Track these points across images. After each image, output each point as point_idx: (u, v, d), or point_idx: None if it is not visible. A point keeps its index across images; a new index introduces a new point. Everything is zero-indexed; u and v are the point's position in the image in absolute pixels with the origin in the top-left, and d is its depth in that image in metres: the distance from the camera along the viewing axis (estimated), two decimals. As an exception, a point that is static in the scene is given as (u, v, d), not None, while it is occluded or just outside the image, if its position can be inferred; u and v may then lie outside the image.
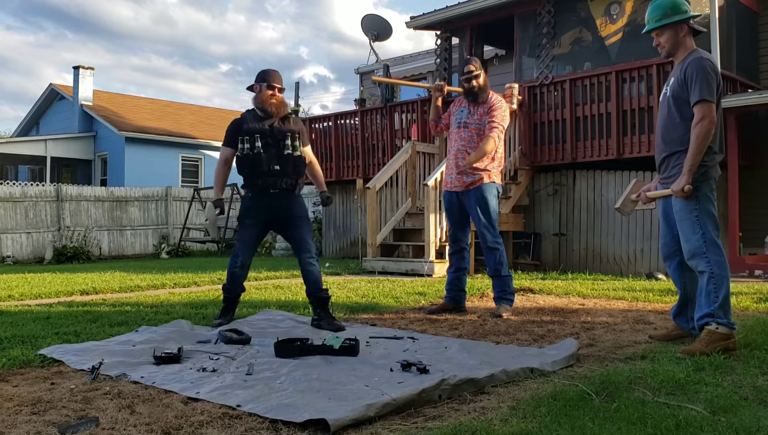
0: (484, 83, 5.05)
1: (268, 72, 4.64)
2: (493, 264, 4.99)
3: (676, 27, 3.59)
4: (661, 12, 3.60)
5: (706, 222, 3.45)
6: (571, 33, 9.82)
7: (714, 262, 3.40)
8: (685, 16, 3.58)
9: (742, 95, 8.70)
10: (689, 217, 3.48)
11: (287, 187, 4.57)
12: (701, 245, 3.43)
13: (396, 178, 9.66)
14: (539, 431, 2.17)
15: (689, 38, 3.62)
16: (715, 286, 3.39)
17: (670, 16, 3.58)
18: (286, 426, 2.28)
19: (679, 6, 3.60)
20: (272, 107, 4.54)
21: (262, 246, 15.82)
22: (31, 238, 15.14)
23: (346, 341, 3.45)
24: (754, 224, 9.09)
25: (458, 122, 5.12)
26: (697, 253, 3.44)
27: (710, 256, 3.40)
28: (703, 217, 3.46)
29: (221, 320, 4.52)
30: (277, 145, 4.53)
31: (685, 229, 3.50)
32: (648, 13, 3.71)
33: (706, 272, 3.41)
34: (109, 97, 23.21)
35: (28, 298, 6.45)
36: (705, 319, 3.40)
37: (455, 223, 5.18)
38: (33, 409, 2.51)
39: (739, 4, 9.62)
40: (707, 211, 3.47)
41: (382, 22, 14.71)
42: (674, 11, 3.58)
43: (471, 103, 5.09)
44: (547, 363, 3.12)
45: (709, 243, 3.42)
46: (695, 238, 3.45)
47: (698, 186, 3.45)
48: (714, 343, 3.29)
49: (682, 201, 3.49)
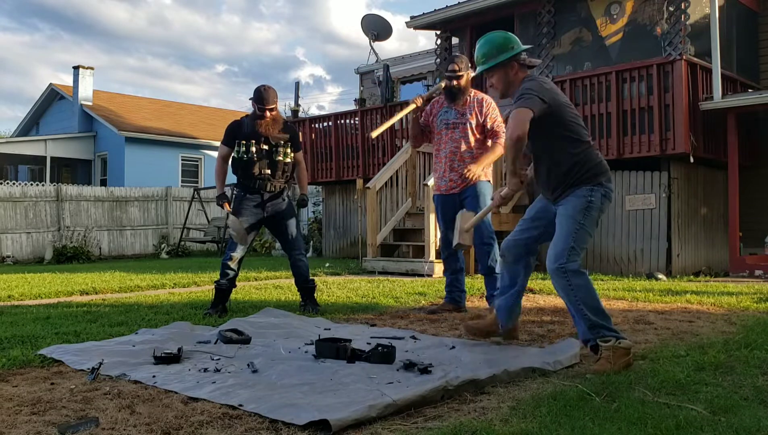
0: (465, 84, 4.90)
1: (261, 94, 4.97)
2: (486, 261, 4.90)
3: (506, 66, 3.43)
4: (486, 53, 3.45)
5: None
6: (571, 33, 9.83)
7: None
8: (511, 53, 3.41)
9: (742, 95, 8.70)
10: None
11: (277, 189, 5.10)
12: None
13: (396, 178, 9.66)
14: (539, 431, 2.17)
15: (522, 72, 3.46)
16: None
17: (496, 56, 3.42)
18: (287, 426, 2.28)
19: (506, 44, 3.44)
20: (261, 129, 4.98)
21: (262, 246, 15.83)
22: (31, 238, 15.14)
23: (380, 347, 3.30)
24: (754, 224, 9.09)
25: (445, 123, 4.97)
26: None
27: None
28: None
29: (211, 311, 4.99)
30: (269, 151, 5.03)
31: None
32: (476, 55, 3.53)
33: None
34: (109, 97, 23.21)
35: (28, 298, 6.45)
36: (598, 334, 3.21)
37: (449, 226, 5.00)
38: (33, 409, 2.51)
39: (739, 4, 9.62)
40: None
41: (382, 22, 14.71)
42: (500, 50, 3.42)
43: (452, 102, 4.96)
44: (549, 363, 3.11)
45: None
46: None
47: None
48: (619, 359, 3.08)
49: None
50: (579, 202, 3.28)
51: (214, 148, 21.42)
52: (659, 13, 8.98)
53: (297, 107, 13.84)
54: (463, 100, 4.93)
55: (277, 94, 5.02)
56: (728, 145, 8.66)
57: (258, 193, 5.05)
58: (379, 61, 14.68)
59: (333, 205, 13.33)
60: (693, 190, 8.94)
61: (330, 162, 12.58)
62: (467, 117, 4.92)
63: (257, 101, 4.96)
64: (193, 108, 26.25)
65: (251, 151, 4.98)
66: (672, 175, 8.49)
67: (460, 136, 4.92)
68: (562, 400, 2.49)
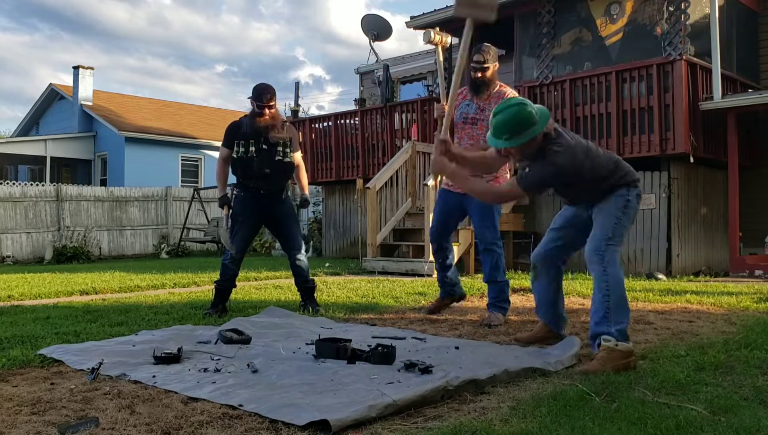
0: (491, 76, 4.58)
1: (260, 91, 4.97)
2: (489, 269, 4.64)
3: (529, 141, 3.18)
4: (512, 130, 3.15)
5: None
6: (571, 33, 9.82)
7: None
8: (537, 130, 3.15)
9: (742, 95, 8.70)
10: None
11: (276, 189, 5.09)
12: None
13: (396, 178, 9.66)
14: (539, 431, 2.17)
15: (540, 138, 3.21)
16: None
17: (520, 134, 3.14)
18: (287, 426, 2.28)
19: (531, 120, 3.14)
20: (261, 125, 4.96)
21: (262, 246, 15.83)
22: (31, 238, 15.14)
23: (380, 347, 3.27)
24: (754, 224, 9.09)
25: (464, 117, 4.68)
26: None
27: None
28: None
29: (211, 311, 4.97)
30: (269, 151, 5.00)
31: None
32: (493, 125, 3.21)
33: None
34: (109, 97, 23.20)
35: (28, 298, 6.45)
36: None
37: (445, 222, 4.85)
38: (33, 409, 2.51)
39: (739, 4, 9.62)
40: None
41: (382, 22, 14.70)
42: (524, 126, 3.13)
43: (476, 96, 4.65)
44: (550, 363, 3.11)
45: None
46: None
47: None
48: (614, 361, 3.05)
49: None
50: (618, 200, 3.33)
51: (214, 148, 21.43)
52: (659, 13, 8.97)
53: (297, 107, 13.84)
54: (488, 93, 4.61)
55: (275, 92, 5.02)
56: (728, 145, 8.66)
57: (258, 192, 5.04)
58: (379, 61, 14.68)
59: (333, 205, 13.33)
60: (693, 190, 8.94)
61: (330, 162, 12.57)
62: (487, 113, 4.47)
63: (256, 99, 4.95)
64: (193, 108, 26.25)
65: (251, 151, 4.96)
66: (672, 175, 8.49)
67: (478, 132, 4.59)
68: (562, 400, 2.49)
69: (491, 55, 4.59)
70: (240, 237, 5.08)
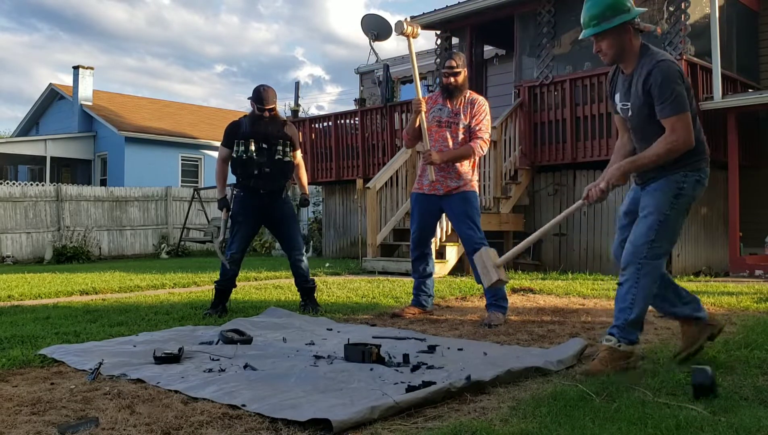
0: (462, 81, 4.80)
1: (260, 94, 4.97)
2: (478, 275, 4.51)
3: (620, 30, 3.02)
4: (599, 14, 3.01)
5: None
6: (571, 33, 9.82)
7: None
8: (629, 16, 3.01)
9: (742, 95, 8.70)
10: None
11: (276, 188, 5.07)
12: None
13: (396, 178, 9.65)
14: (539, 431, 2.17)
15: (636, 39, 3.07)
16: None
17: (610, 19, 3.00)
18: (287, 426, 2.28)
19: (621, 4, 3.02)
20: (261, 126, 4.97)
21: (262, 246, 15.83)
22: (31, 238, 15.14)
23: (378, 348, 3.25)
24: (754, 224, 9.09)
25: (438, 121, 4.83)
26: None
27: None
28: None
29: (211, 311, 4.95)
30: (269, 150, 5.00)
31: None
32: (583, 15, 3.08)
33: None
34: (108, 97, 23.21)
35: (28, 298, 6.45)
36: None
37: (425, 226, 4.90)
38: (33, 409, 2.51)
39: (739, 4, 9.62)
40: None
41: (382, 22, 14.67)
42: (615, 11, 3.00)
43: (447, 99, 4.84)
44: (552, 363, 3.10)
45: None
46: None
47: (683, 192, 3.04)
48: (615, 362, 2.99)
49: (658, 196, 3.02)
50: (670, 187, 3.01)
51: (213, 148, 21.43)
52: (659, 13, 8.97)
53: (297, 107, 13.84)
54: (460, 98, 4.82)
55: (276, 94, 5.02)
56: (728, 145, 8.66)
57: (257, 192, 5.03)
58: (379, 61, 14.67)
59: (333, 205, 13.33)
60: (693, 190, 8.92)
61: (330, 162, 12.57)
62: (460, 117, 4.78)
63: (256, 101, 4.96)
64: (193, 108, 26.25)
65: (250, 150, 4.96)
66: (672, 175, 8.48)
67: (450, 135, 4.78)
68: (562, 400, 2.49)
69: (462, 61, 4.85)
70: (240, 236, 5.07)
